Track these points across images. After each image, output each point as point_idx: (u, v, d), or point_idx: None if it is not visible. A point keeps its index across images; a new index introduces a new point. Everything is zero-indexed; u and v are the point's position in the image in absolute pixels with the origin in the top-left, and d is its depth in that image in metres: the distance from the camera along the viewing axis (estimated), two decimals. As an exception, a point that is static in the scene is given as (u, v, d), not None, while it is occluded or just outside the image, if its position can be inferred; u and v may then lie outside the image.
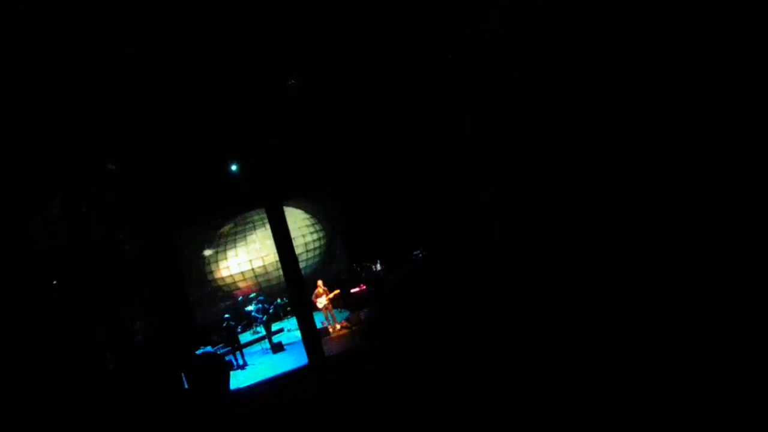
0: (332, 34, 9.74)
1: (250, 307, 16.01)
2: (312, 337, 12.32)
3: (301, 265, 15.50)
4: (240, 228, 18.46)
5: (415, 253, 15.45)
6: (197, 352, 14.04)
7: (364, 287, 16.48)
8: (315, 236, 18.74)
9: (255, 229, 18.38)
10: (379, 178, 16.06)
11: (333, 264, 18.73)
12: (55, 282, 9.99)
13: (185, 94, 10.57)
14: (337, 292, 15.76)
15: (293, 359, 13.23)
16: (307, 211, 19.15)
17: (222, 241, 18.25)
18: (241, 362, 14.14)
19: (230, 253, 18.08)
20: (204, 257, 17.90)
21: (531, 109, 7.44)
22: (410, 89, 11.68)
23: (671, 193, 5.73)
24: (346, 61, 10.88)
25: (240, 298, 17.52)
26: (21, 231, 9.71)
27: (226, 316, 14.83)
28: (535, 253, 7.03)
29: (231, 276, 17.90)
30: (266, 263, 17.94)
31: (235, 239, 18.27)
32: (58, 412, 8.76)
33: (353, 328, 14.52)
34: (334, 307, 15.71)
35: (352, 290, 16.75)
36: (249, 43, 9.59)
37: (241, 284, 17.79)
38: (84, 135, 10.50)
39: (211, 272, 17.83)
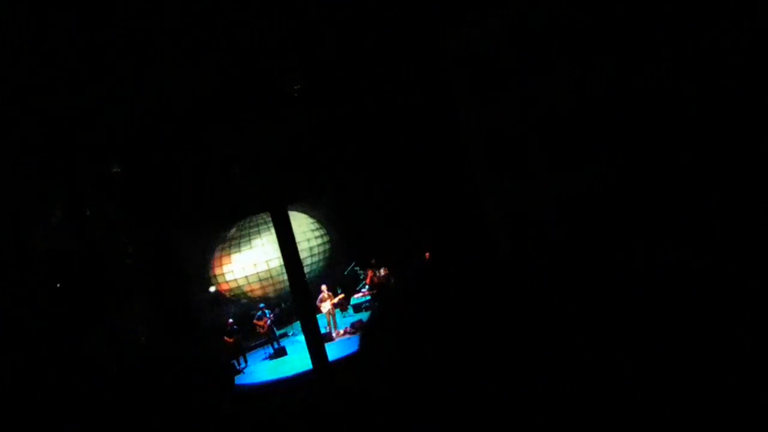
0: (333, 37, 9.74)
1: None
2: (315, 341, 12.29)
3: (306, 269, 15.47)
4: (245, 232, 18.38)
5: (416, 261, 15.44)
6: (201, 353, 14.04)
7: (367, 292, 16.48)
8: (320, 240, 18.68)
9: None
10: (382, 182, 16.04)
11: (337, 268, 18.68)
12: (58, 284, 10.04)
13: (190, 98, 10.60)
14: (341, 296, 15.79)
15: (296, 363, 13.21)
16: (311, 216, 19.11)
17: (228, 244, 18.20)
18: (244, 365, 14.15)
19: (235, 257, 18.04)
20: (209, 260, 17.87)
21: (528, 110, 7.42)
22: (410, 91, 11.66)
23: (668, 191, 5.69)
24: (347, 65, 10.88)
25: (244, 301, 17.51)
26: (25, 233, 9.76)
27: (230, 320, 14.86)
28: (532, 252, 6.99)
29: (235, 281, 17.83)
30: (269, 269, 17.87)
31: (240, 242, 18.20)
32: (60, 412, 8.78)
33: (357, 333, 14.50)
34: (340, 311, 15.71)
35: (356, 295, 16.77)
36: (252, 45, 9.61)
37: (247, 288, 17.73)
38: (89, 138, 10.54)
39: (216, 276, 17.80)
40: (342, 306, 16.22)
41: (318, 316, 13.36)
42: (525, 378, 5.47)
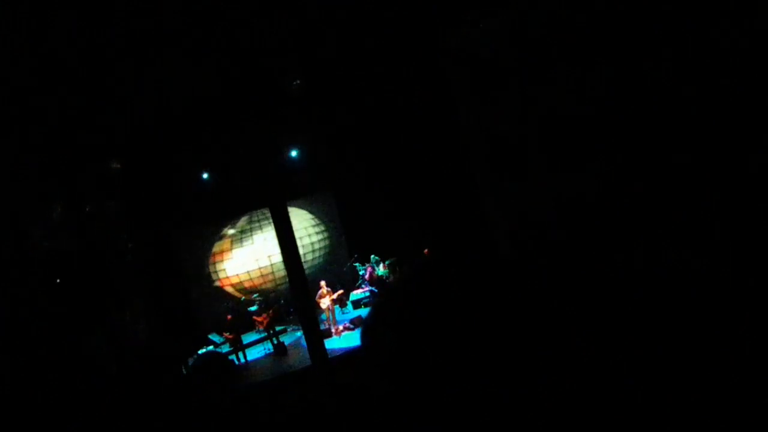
0: (332, 35, 9.73)
1: (253, 308, 16.04)
2: (315, 338, 12.30)
3: (306, 266, 15.48)
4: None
5: (416, 261, 15.46)
6: (199, 351, 14.05)
7: (367, 288, 16.52)
8: (319, 237, 18.72)
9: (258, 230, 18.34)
10: (383, 179, 16.06)
11: (336, 265, 18.71)
12: (57, 282, 10.03)
13: (190, 98, 10.58)
14: (340, 292, 15.81)
15: (296, 360, 13.23)
16: (311, 212, 19.14)
17: (228, 239, 18.24)
18: (243, 362, 14.15)
19: (234, 253, 18.07)
20: (208, 256, 17.91)
21: (528, 110, 7.41)
22: (410, 91, 11.68)
23: (668, 191, 5.69)
24: (347, 65, 10.88)
25: (242, 297, 17.55)
26: (25, 233, 9.74)
27: (230, 316, 14.85)
28: (532, 252, 6.98)
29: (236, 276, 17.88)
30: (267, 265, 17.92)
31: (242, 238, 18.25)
32: (60, 412, 8.78)
33: (356, 329, 14.51)
34: (339, 307, 15.73)
35: (355, 291, 16.79)
36: (252, 45, 9.59)
37: (247, 284, 17.77)
38: (89, 138, 10.52)
39: (216, 272, 17.84)
40: (341, 302, 16.24)
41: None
42: (525, 378, 5.48)
